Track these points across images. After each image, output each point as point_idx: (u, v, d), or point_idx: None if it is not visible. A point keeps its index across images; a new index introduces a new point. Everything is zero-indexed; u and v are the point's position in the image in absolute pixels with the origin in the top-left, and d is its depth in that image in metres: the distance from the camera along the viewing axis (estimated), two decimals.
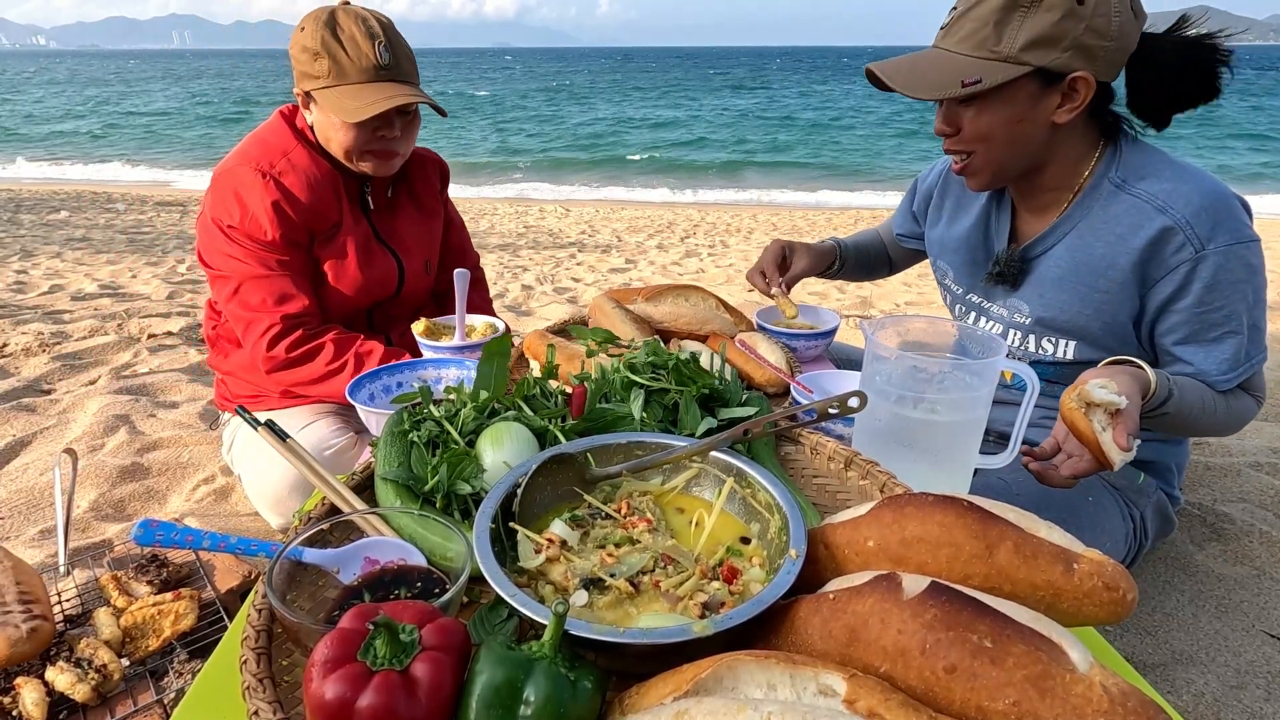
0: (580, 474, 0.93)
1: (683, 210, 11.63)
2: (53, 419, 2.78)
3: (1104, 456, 1.08)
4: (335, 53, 1.67)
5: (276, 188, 1.71)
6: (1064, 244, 1.43)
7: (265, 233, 1.71)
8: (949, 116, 1.37)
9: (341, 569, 0.84)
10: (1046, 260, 1.46)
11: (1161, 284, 1.32)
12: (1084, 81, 1.28)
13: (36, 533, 2.08)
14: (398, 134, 1.76)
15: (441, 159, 2.14)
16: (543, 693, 0.60)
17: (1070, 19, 1.23)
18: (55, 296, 4.61)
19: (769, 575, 0.78)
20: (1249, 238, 1.29)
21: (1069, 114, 1.32)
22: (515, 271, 6.12)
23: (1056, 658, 0.57)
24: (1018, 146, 1.36)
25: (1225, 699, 1.51)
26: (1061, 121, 1.33)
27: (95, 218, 8.45)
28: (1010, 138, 1.34)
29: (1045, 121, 1.33)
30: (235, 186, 1.73)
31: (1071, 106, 1.31)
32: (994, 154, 1.37)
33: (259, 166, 1.73)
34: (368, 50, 1.67)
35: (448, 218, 2.16)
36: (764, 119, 26.90)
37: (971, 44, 1.29)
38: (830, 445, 1.12)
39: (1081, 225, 1.41)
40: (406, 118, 1.78)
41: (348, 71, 1.68)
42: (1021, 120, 1.32)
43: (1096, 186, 1.39)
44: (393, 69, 1.70)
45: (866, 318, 4.40)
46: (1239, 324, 1.30)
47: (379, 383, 1.43)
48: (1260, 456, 2.40)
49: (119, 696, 1.30)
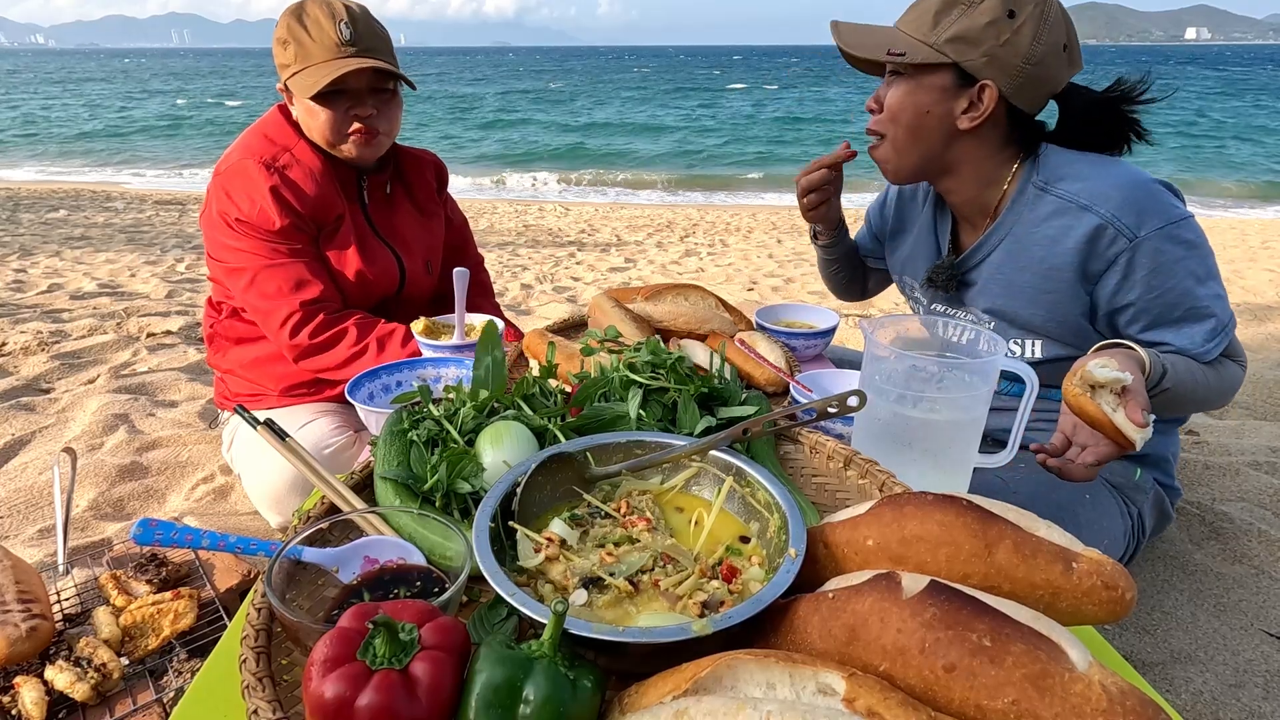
0: (580, 473, 0.93)
1: (682, 209, 11.63)
2: (52, 418, 2.78)
3: (1122, 437, 1.07)
4: (300, 36, 1.69)
5: (280, 178, 1.72)
6: (1000, 250, 1.47)
7: (273, 222, 1.72)
8: (879, 93, 1.46)
9: (341, 568, 0.84)
10: (986, 267, 1.50)
11: (1105, 278, 1.35)
12: (989, 92, 1.35)
13: (35, 532, 2.08)
14: (371, 112, 1.75)
15: (438, 159, 2.14)
16: (542, 692, 0.60)
17: (993, 27, 1.31)
18: (54, 295, 4.61)
19: (768, 574, 0.78)
20: (1179, 216, 1.32)
21: (970, 121, 1.38)
22: (515, 271, 6.12)
23: (1055, 657, 0.57)
24: (919, 137, 1.42)
25: (1224, 698, 1.51)
26: (963, 127, 1.39)
27: (94, 216, 8.45)
28: (914, 125, 1.41)
29: (949, 121, 1.39)
30: (240, 179, 1.73)
31: (975, 115, 1.38)
32: (899, 140, 1.44)
33: (262, 159, 1.74)
34: (329, 29, 1.68)
35: (448, 217, 2.15)
36: (763, 120, 26.88)
37: (913, 25, 1.38)
38: (830, 444, 1.12)
39: (1016, 230, 1.44)
40: (383, 96, 1.77)
41: (311, 52, 1.69)
42: (929, 111, 1.39)
43: (1022, 192, 1.43)
44: (355, 44, 1.70)
45: (866, 317, 4.40)
46: (1195, 299, 1.32)
47: (378, 382, 1.43)
48: (1259, 456, 2.41)
49: (118, 696, 1.30)
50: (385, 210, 1.95)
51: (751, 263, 6.54)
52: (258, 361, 1.91)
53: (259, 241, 1.73)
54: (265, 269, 1.74)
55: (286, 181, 1.73)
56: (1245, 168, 15.37)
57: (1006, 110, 1.38)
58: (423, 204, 2.04)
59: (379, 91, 1.77)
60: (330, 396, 1.92)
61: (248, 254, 1.74)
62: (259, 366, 1.91)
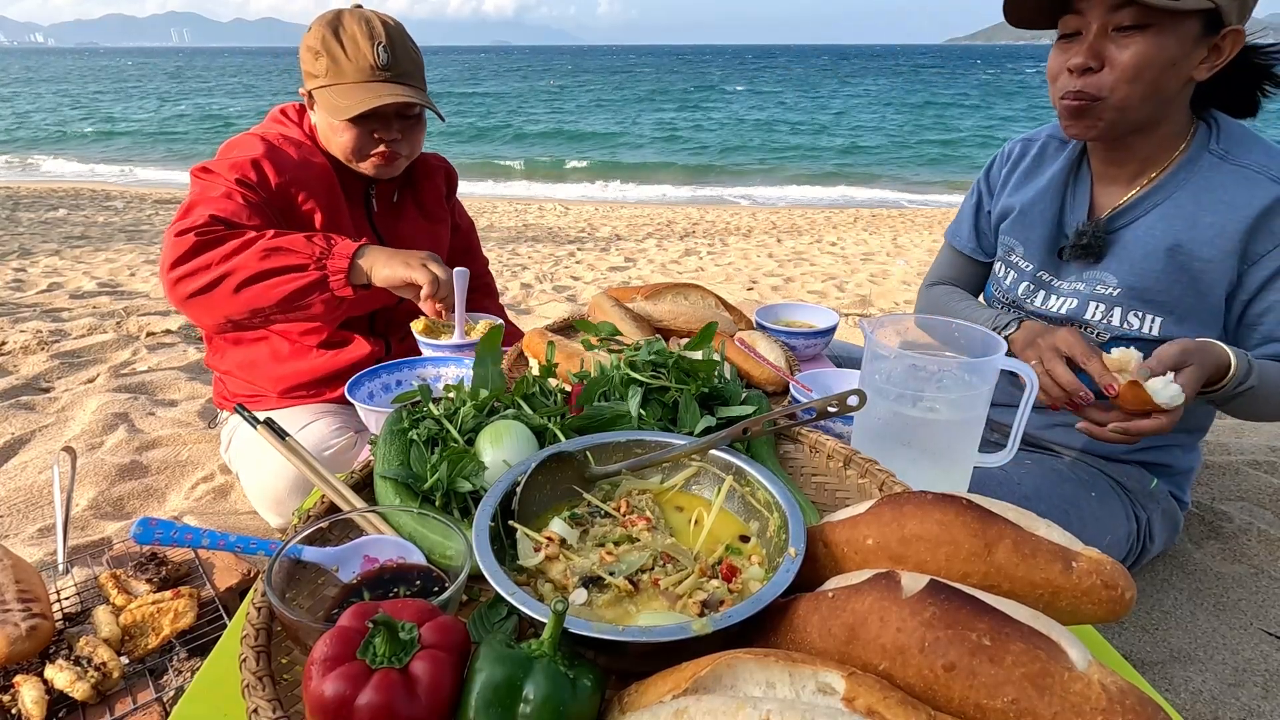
0: (580, 472, 0.93)
1: (682, 209, 11.63)
2: (51, 417, 2.78)
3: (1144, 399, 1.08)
4: (334, 51, 1.66)
5: (268, 150, 1.68)
6: (1158, 213, 1.38)
7: (247, 175, 1.63)
8: (1096, 49, 1.28)
9: (341, 567, 0.84)
10: (1134, 230, 1.41)
11: (1267, 259, 1.30)
12: (1234, 37, 1.26)
13: (35, 531, 2.08)
14: (397, 136, 1.74)
15: (449, 164, 2.12)
16: (542, 691, 0.60)
17: None
18: (54, 294, 4.60)
19: (768, 573, 0.78)
20: None
21: (1208, 71, 1.28)
22: (514, 270, 6.12)
23: (1055, 656, 0.57)
24: (1157, 93, 1.29)
25: (1223, 697, 1.51)
26: (1199, 78, 1.29)
27: (94, 215, 8.44)
28: (1156, 81, 1.27)
29: (1187, 74, 1.28)
30: (231, 144, 1.73)
31: (1215, 62, 1.27)
32: (1131, 99, 1.29)
33: (263, 134, 1.73)
34: (366, 50, 1.66)
35: (455, 222, 2.14)
36: (763, 120, 26.86)
37: None
38: (829, 443, 1.12)
39: (1179, 195, 1.37)
40: (409, 121, 1.76)
41: (345, 70, 1.67)
42: (1174, 64, 1.26)
43: (1196, 158, 1.37)
44: (391, 70, 1.68)
45: (865, 316, 4.40)
46: None
47: (378, 381, 1.43)
48: (1259, 455, 2.41)
49: (118, 695, 1.30)
50: (391, 218, 1.94)
51: (751, 262, 6.55)
52: (256, 363, 1.90)
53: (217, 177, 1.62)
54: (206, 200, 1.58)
55: (274, 153, 1.66)
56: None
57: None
58: (430, 210, 2.02)
59: (407, 117, 1.75)
60: (330, 398, 1.92)
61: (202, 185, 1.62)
62: (256, 368, 1.90)
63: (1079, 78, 1.31)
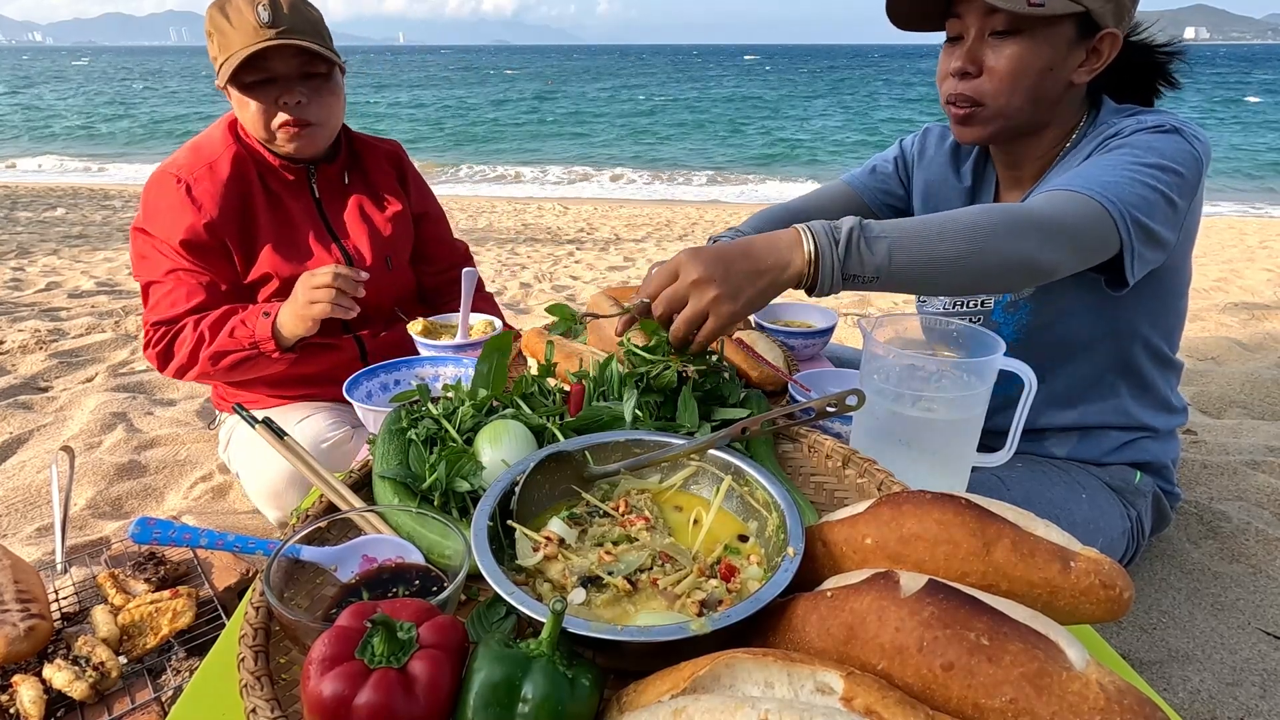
0: (578, 472, 0.93)
1: (681, 208, 11.63)
2: (50, 416, 2.77)
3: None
4: (221, 26, 1.63)
5: (186, 194, 1.68)
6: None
7: (171, 237, 1.69)
8: (974, 54, 1.29)
9: (339, 567, 0.84)
10: None
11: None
12: (1111, 40, 1.26)
13: (34, 530, 2.08)
14: (301, 99, 1.66)
15: (398, 147, 2.04)
16: (540, 690, 0.60)
17: None
18: (52, 294, 4.60)
19: (767, 573, 0.78)
20: (1170, 127, 1.24)
21: (1089, 74, 1.29)
22: (513, 269, 6.11)
23: (1053, 655, 0.57)
24: (1036, 98, 1.30)
25: (1221, 696, 1.51)
26: (1079, 81, 1.29)
27: (92, 214, 8.43)
28: (1034, 87, 1.28)
29: (1066, 77, 1.29)
30: (151, 189, 1.73)
31: (1092, 66, 1.28)
32: (1011, 105, 1.30)
33: (177, 172, 1.71)
34: (248, 14, 1.60)
35: (424, 211, 2.06)
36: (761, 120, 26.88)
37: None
38: (828, 443, 1.12)
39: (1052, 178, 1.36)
40: (313, 82, 1.69)
41: (232, 40, 1.62)
42: (1051, 68, 1.27)
43: (1076, 145, 1.37)
44: (277, 26, 1.61)
45: (864, 316, 4.40)
46: (1113, 161, 1.21)
47: (376, 380, 1.43)
48: (1257, 455, 2.41)
49: (117, 694, 1.29)
50: (339, 202, 1.88)
51: None
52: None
53: (157, 250, 1.71)
54: (154, 284, 1.73)
55: (191, 197, 1.68)
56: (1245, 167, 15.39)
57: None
58: (380, 195, 1.95)
59: (310, 78, 1.69)
60: (323, 398, 1.91)
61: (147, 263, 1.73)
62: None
63: (960, 81, 1.32)
